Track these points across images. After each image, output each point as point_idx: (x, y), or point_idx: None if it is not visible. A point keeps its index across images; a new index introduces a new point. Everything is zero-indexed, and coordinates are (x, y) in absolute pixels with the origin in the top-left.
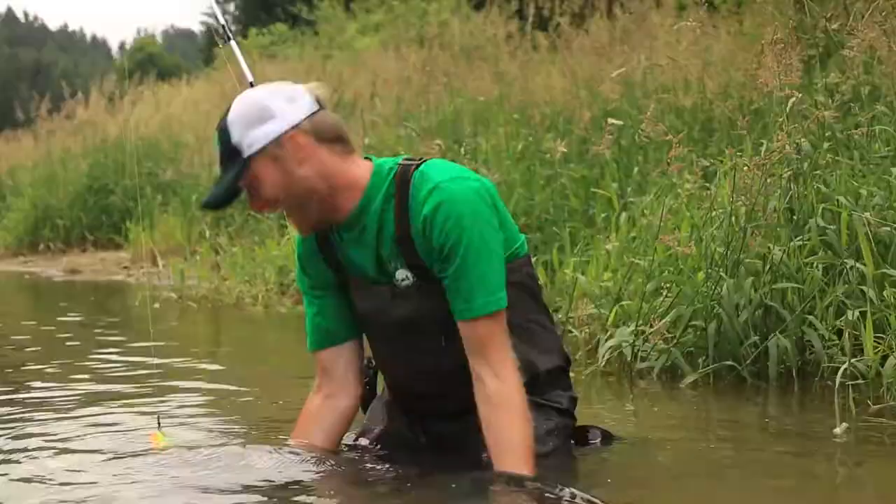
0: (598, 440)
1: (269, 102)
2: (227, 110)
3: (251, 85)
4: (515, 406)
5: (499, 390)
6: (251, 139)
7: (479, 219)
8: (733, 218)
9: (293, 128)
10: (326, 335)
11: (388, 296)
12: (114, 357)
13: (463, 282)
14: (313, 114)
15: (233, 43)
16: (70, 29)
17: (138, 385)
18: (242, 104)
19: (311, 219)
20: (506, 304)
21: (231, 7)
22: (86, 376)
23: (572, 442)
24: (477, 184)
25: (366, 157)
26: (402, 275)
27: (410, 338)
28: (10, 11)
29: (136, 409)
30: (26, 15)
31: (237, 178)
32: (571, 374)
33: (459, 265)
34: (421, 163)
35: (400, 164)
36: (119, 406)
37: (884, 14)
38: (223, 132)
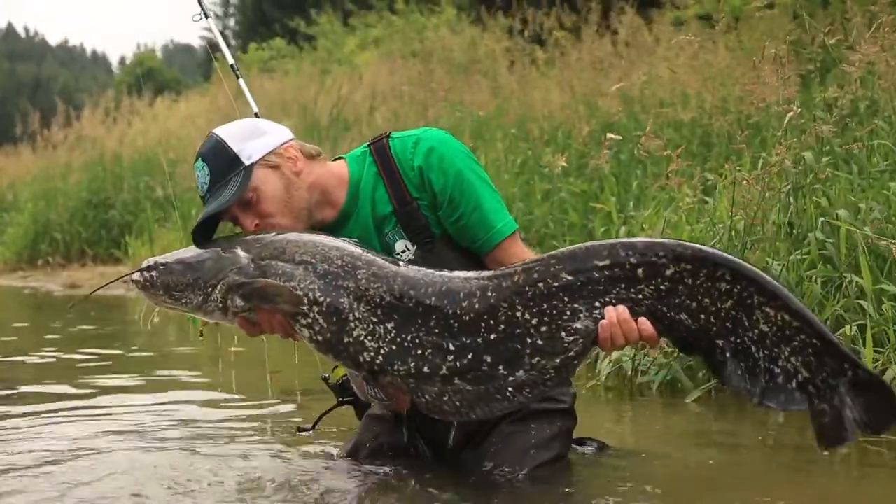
0: (594, 449)
1: (258, 123)
2: (206, 143)
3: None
4: None
5: None
6: (250, 150)
7: (466, 155)
8: (733, 232)
9: (287, 141)
10: None
11: None
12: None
13: (478, 212)
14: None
15: (210, 20)
16: (70, 44)
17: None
18: (230, 127)
19: (302, 224)
20: (517, 225)
21: (231, 22)
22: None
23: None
24: (443, 131)
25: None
26: (402, 246)
27: None
28: (10, 26)
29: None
30: (27, 30)
31: (241, 186)
32: (572, 390)
33: (469, 199)
34: (387, 135)
35: (370, 144)
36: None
37: (883, 30)
38: (218, 147)
